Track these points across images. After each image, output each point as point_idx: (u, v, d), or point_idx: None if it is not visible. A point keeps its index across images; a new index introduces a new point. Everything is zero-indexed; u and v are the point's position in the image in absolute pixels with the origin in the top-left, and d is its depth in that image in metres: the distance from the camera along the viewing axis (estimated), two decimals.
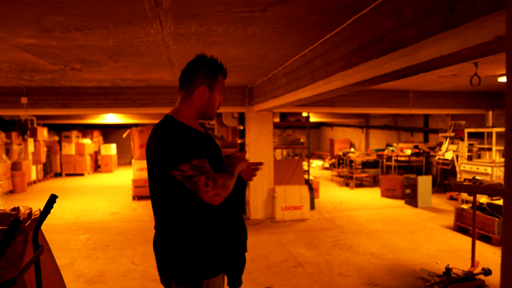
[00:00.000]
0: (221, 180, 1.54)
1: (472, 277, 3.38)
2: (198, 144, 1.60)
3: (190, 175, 1.50)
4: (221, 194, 1.53)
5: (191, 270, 1.61)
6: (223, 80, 1.76)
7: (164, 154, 1.54)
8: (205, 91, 1.70)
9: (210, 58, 1.72)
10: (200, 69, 1.70)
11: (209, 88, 1.71)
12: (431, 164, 10.06)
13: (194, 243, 1.61)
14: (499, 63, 4.41)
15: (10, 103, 6.28)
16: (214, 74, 1.71)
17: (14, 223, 1.43)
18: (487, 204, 4.97)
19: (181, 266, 1.62)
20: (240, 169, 1.75)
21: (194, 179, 1.50)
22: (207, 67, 1.70)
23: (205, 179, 1.49)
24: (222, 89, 1.76)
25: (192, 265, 1.60)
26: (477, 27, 1.50)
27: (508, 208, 0.42)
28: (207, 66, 1.71)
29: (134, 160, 8.36)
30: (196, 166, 1.51)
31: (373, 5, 2.32)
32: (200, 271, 1.60)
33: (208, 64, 1.71)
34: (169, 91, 6.58)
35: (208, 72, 1.70)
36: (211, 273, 1.62)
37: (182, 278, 1.61)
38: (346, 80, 2.75)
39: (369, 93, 7.01)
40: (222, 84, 1.75)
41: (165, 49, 3.64)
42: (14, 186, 9.34)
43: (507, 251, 0.42)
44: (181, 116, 1.70)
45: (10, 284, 1.37)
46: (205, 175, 1.50)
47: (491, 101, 7.66)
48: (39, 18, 2.60)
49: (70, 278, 3.81)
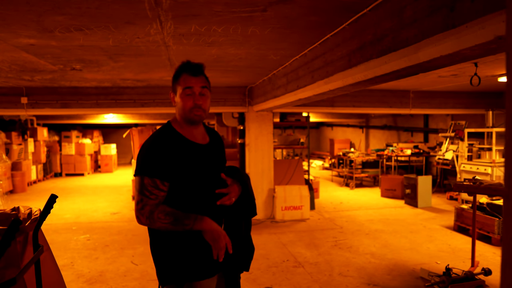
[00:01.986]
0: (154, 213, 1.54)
1: (472, 277, 3.37)
2: (164, 160, 1.56)
3: (137, 187, 1.59)
4: (142, 221, 1.57)
5: (172, 272, 1.63)
6: (191, 77, 1.65)
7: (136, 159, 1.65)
8: (172, 96, 1.71)
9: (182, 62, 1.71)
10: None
11: (173, 91, 1.71)
12: (431, 164, 10.06)
13: (173, 246, 1.63)
14: (499, 63, 4.41)
15: (10, 103, 6.28)
16: (176, 76, 1.69)
17: (14, 223, 1.43)
18: (487, 204, 4.97)
19: (163, 267, 1.66)
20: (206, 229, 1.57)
21: (136, 192, 1.60)
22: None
23: (139, 198, 1.57)
24: (185, 86, 1.63)
25: (172, 267, 1.63)
26: (477, 27, 1.50)
27: (508, 208, 0.42)
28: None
29: (134, 160, 8.35)
30: (141, 184, 1.56)
31: (373, 5, 2.32)
32: (180, 274, 1.62)
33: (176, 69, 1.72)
34: (169, 91, 6.57)
35: (173, 76, 1.72)
36: (193, 277, 1.62)
37: (164, 280, 1.66)
38: (346, 80, 2.75)
39: (369, 93, 7.01)
40: (186, 81, 1.64)
41: (165, 49, 3.64)
42: (14, 186, 9.34)
43: (507, 251, 0.42)
44: (175, 121, 1.71)
45: (10, 284, 1.37)
46: (142, 196, 1.56)
47: (491, 101, 7.66)
48: (39, 18, 2.60)
49: (70, 278, 3.81)
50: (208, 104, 1.68)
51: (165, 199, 1.60)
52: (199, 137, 1.71)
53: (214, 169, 1.72)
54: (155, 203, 1.56)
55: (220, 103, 6.55)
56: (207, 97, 1.68)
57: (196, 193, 1.65)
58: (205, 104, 1.66)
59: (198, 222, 1.53)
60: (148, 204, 1.55)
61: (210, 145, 1.74)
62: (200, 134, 1.73)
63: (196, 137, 1.70)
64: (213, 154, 1.74)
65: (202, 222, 1.54)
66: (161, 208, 1.55)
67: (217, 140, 1.84)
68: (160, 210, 1.54)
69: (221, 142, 1.87)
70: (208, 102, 1.68)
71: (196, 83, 1.64)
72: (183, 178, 1.60)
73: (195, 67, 1.66)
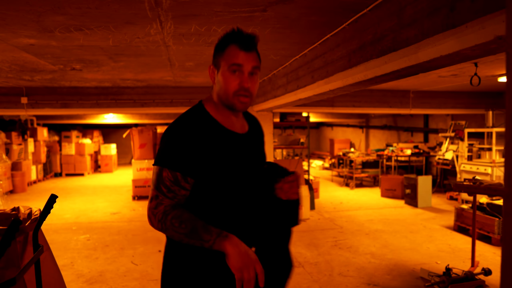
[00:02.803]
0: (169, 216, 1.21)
1: (472, 277, 3.37)
2: (191, 151, 1.23)
3: (153, 179, 1.27)
4: (153, 223, 1.27)
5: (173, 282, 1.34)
6: (241, 52, 1.24)
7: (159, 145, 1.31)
8: (212, 71, 1.33)
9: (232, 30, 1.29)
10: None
11: (215, 65, 1.31)
12: (431, 164, 10.06)
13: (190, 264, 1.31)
14: (499, 63, 4.41)
15: (10, 103, 6.29)
16: (220, 46, 1.29)
17: (14, 223, 1.43)
18: (487, 204, 4.97)
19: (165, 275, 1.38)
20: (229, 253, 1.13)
21: (152, 185, 1.28)
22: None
23: (153, 194, 1.25)
24: (233, 62, 1.24)
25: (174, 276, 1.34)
26: (477, 27, 1.50)
27: (508, 208, 0.42)
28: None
29: (134, 160, 8.36)
30: (159, 176, 1.24)
31: (373, 5, 2.32)
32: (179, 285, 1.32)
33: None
34: (169, 91, 6.58)
35: (216, 45, 1.32)
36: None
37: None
38: (346, 80, 2.75)
39: (369, 93, 7.02)
40: (234, 56, 1.24)
41: (165, 49, 3.64)
42: (14, 186, 9.34)
43: (507, 251, 0.42)
44: (210, 102, 1.35)
45: (10, 284, 1.37)
46: (157, 192, 1.24)
47: (491, 101, 7.67)
48: (39, 18, 2.60)
49: (70, 278, 3.81)
50: (257, 88, 1.31)
51: (187, 201, 1.28)
52: (237, 124, 1.37)
53: (253, 163, 1.38)
54: (171, 203, 1.23)
55: None
56: (257, 80, 1.31)
57: (228, 196, 1.31)
58: (253, 88, 1.28)
59: (221, 241, 1.14)
60: (163, 202, 1.23)
61: (249, 135, 1.40)
62: (239, 121, 1.39)
63: (234, 125, 1.35)
64: (251, 146, 1.40)
65: (226, 241, 1.14)
66: (178, 212, 1.21)
67: (257, 129, 1.49)
68: (175, 214, 1.20)
69: (261, 132, 1.52)
70: (256, 86, 1.31)
71: (248, 60, 1.25)
72: (213, 175, 1.26)
73: (248, 38, 1.25)
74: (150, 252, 4.58)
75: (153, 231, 5.51)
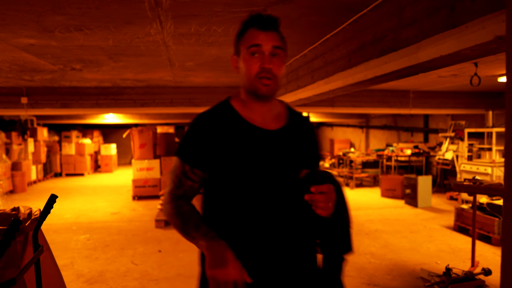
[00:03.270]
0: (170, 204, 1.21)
1: (472, 277, 3.37)
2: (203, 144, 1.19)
3: (171, 170, 1.26)
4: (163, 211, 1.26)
5: None
6: (259, 32, 1.17)
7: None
8: (234, 61, 1.26)
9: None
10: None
11: (236, 54, 1.24)
12: (431, 164, 10.06)
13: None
14: (499, 63, 4.41)
15: (10, 103, 6.29)
16: (240, 33, 1.22)
17: (14, 223, 1.43)
18: (487, 204, 4.97)
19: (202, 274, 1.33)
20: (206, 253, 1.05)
21: (170, 175, 1.27)
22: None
23: (168, 181, 1.27)
24: (251, 44, 1.17)
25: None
26: (477, 27, 1.50)
27: (508, 208, 0.42)
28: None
29: (134, 160, 8.36)
30: (174, 165, 1.24)
31: (373, 5, 2.32)
32: None
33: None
34: (169, 91, 6.58)
35: (236, 34, 1.25)
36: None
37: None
38: (346, 80, 2.75)
39: (369, 93, 7.02)
40: (252, 37, 1.17)
41: (165, 49, 3.64)
42: (14, 186, 9.34)
43: (507, 251, 0.42)
44: (237, 97, 1.28)
45: (10, 284, 1.37)
46: (170, 180, 1.25)
47: (491, 101, 7.66)
48: (39, 18, 2.60)
49: (70, 278, 3.81)
50: (281, 71, 1.20)
51: (207, 199, 1.26)
52: (267, 118, 1.24)
53: (282, 167, 1.20)
54: (178, 193, 1.22)
55: None
56: (281, 62, 1.19)
57: (243, 197, 1.19)
58: (277, 69, 1.17)
59: (204, 241, 1.08)
60: (171, 191, 1.23)
61: (282, 132, 1.24)
62: (271, 114, 1.25)
63: (261, 119, 1.23)
64: (284, 144, 1.23)
65: (207, 242, 1.07)
66: (180, 203, 1.20)
67: (299, 127, 1.29)
68: (177, 204, 1.20)
69: (304, 130, 1.30)
70: (282, 68, 1.19)
71: (266, 39, 1.17)
72: (226, 171, 1.19)
73: (266, 19, 1.19)
74: (150, 252, 4.58)
75: (153, 231, 5.50)
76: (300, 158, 1.25)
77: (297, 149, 1.25)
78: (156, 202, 7.36)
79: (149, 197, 8.14)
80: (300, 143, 1.27)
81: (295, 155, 1.24)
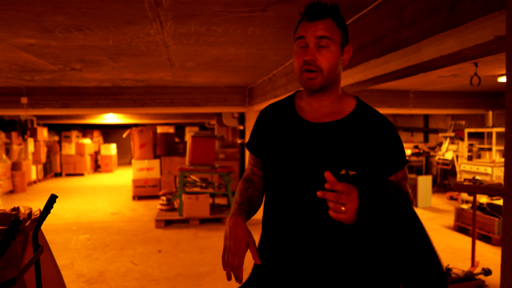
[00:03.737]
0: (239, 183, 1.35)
1: (472, 277, 3.37)
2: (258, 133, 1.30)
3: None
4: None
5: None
6: (306, 24, 1.11)
7: None
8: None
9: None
10: None
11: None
12: (431, 164, 10.06)
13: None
14: (499, 63, 4.41)
15: (10, 103, 6.29)
16: (297, 26, 1.17)
17: (14, 223, 1.43)
18: (487, 204, 4.97)
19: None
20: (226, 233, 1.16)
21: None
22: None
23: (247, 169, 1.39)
24: (296, 37, 1.13)
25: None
26: (477, 27, 1.50)
27: (508, 208, 0.42)
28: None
29: (134, 160, 8.36)
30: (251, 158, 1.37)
31: (373, 5, 2.32)
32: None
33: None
34: (169, 91, 6.58)
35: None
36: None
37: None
38: (346, 80, 2.75)
39: (369, 93, 7.02)
40: (303, 30, 1.11)
41: (165, 49, 3.64)
42: (14, 186, 9.34)
43: (507, 251, 0.42)
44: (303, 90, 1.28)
45: (10, 284, 1.37)
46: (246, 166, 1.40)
47: (491, 101, 7.66)
48: (39, 18, 2.60)
49: (70, 278, 3.81)
50: (330, 61, 1.10)
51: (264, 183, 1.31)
52: (322, 111, 1.17)
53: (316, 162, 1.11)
54: (244, 174, 1.36)
55: (220, 103, 6.55)
56: (329, 51, 1.10)
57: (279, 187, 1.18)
58: (322, 60, 1.09)
59: (229, 214, 1.19)
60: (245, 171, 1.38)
61: (328, 126, 1.14)
62: (327, 109, 1.17)
63: (313, 112, 1.18)
64: (326, 139, 1.13)
65: (229, 216, 1.18)
66: (241, 182, 1.33)
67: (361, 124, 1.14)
68: (239, 184, 1.33)
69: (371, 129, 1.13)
70: (330, 58, 1.10)
71: (310, 30, 1.09)
72: (270, 161, 1.22)
73: (314, 8, 1.10)
74: (150, 252, 4.58)
75: (153, 231, 5.51)
76: (344, 156, 1.10)
77: (343, 146, 1.12)
78: (156, 202, 7.36)
79: (149, 197, 8.14)
80: (353, 141, 1.12)
81: (337, 151, 1.11)
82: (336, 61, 1.12)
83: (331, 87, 1.16)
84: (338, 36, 1.11)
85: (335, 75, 1.14)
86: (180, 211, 5.80)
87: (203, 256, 4.39)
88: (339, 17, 1.13)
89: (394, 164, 1.13)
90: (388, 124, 1.15)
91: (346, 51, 1.16)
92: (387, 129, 1.14)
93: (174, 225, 5.84)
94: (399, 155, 1.14)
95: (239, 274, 1.10)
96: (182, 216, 5.78)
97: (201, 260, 4.24)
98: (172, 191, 6.59)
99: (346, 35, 1.15)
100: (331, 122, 1.15)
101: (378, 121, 1.15)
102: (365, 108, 1.19)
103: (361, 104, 1.20)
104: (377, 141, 1.11)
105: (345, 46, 1.15)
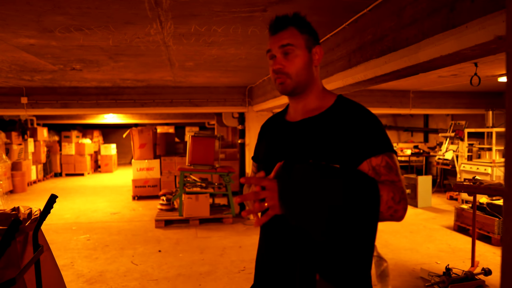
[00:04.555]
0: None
1: (472, 277, 3.37)
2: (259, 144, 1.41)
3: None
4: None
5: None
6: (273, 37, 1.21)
7: None
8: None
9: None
10: None
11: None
12: (431, 164, 10.06)
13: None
14: (499, 63, 4.41)
15: (10, 103, 6.29)
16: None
17: (14, 223, 1.43)
18: (487, 204, 4.97)
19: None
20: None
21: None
22: None
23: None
24: (268, 49, 1.22)
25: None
26: (477, 27, 1.50)
27: (508, 208, 0.42)
28: None
29: (134, 160, 8.36)
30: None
31: (373, 5, 2.32)
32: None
33: None
34: (169, 91, 6.58)
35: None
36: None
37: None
38: (346, 80, 2.75)
39: (369, 93, 7.02)
40: (269, 44, 1.22)
41: (165, 49, 3.64)
42: (14, 186, 9.34)
43: (507, 251, 0.42)
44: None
45: (10, 284, 1.37)
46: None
47: (491, 101, 7.67)
48: (39, 18, 2.60)
49: (70, 278, 3.81)
50: (295, 66, 1.17)
51: None
52: (303, 111, 1.24)
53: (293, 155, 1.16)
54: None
55: (220, 103, 6.55)
56: (294, 56, 1.17)
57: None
58: (288, 67, 1.17)
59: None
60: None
61: (306, 122, 1.20)
62: (305, 108, 1.23)
63: (294, 113, 1.27)
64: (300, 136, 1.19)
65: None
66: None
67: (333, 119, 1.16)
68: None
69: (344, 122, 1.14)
70: (295, 63, 1.17)
71: (274, 42, 1.19)
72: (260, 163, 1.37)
73: (273, 23, 1.21)
74: (150, 252, 4.58)
75: (153, 231, 5.51)
76: (313, 148, 1.13)
77: (313, 139, 1.15)
78: (156, 202, 7.36)
79: (149, 197, 8.14)
80: (324, 133, 1.14)
81: (307, 144, 1.15)
82: (304, 64, 1.18)
83: (308, 88, 1.22)
84: (302, 40, 1.19)
85: (306, 76, 1.19)
86: (180, 211, 5.80)
87: (203, 256, 4.39)
88: (301, 24, 1.21)
89: (362, 151, 1.10)
90: (364, 114, 1.15)
91: (316, 52, 1.22)
92: (361, 119, 1.14)
93: (174, 225, 5.84)
94: (370, 142, 1.10)
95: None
96: (182, 216, 5.78)
97: (201, 260, 4.24)
98: (172, 191, 6.59)
99: (312, 38, 1.22)
100: (306, 118, 1.21)
101: (354, 113, 1.16)
102: (345, 103, 1.21)
103: (341, 100, 1.23)
104: (348, 130, 1.12)
105: (313, 48, 1.22)
